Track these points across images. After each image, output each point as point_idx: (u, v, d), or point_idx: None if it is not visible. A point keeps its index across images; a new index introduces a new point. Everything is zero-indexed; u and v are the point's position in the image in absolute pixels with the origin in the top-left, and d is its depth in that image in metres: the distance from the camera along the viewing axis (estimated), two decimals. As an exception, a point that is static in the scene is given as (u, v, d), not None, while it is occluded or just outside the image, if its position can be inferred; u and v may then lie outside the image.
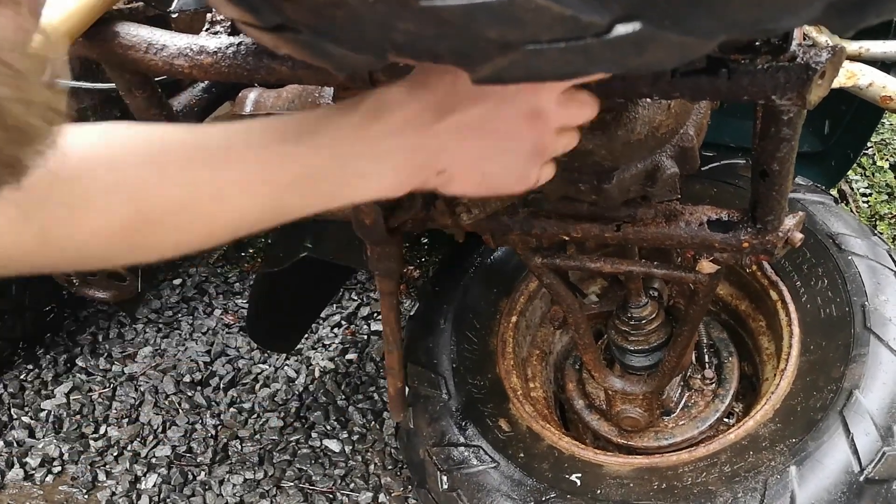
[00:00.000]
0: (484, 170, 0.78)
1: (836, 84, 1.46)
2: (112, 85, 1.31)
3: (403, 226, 1.25)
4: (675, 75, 0.89)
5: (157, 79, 1.33)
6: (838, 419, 1.36)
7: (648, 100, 1.08)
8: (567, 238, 1.25)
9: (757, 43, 0.86)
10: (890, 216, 2.29)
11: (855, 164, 2.42)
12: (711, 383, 1.71)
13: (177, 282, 2.78)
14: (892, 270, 1.54)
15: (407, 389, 1.66)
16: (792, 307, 1.58)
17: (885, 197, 2.36)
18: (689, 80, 0.89)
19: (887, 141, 2.51)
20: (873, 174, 2.43)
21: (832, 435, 1.35)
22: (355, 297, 2.64)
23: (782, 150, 1.00)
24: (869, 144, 2.50)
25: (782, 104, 0.88)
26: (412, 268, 2.64)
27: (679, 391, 1.70)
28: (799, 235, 1.15)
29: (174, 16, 1.27)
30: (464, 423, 1.58)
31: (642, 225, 1.19)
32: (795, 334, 1.55)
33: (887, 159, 2.44)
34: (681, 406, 1.70)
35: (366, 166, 0.72)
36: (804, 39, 0.95)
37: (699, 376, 1.72)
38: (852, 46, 1.57)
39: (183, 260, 2.89)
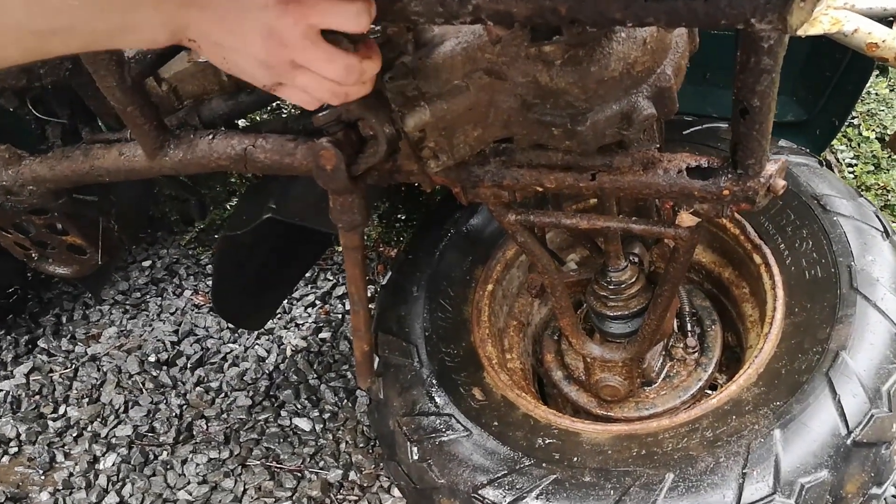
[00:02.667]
0: (223, 55, 0.85)
1: (820, 30, 1.40)
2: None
3: (368, 175, 1.19)
4: (649, -1, 0.83)
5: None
6: (824, 381, 1.31)
7: (623, 34, 1.02)
8: (540, 189, 1.19)
9: (735, -39, 0.79)
10: (877, 187, 2.25)
11: (840, 135, 2.38)
12: (694, 352, 1.66)
13: (146, 263, 2.71)
14: (879, 231, 1.49)
15: (376, 359, 1.59)
16: (776, 270, 1.53)
17: (872, 168, 2.32)
18: (665, 4, 0.82)
19: (873, 111, 2.47)
20: (859, 144, 2.38)
21: (818, 397, 1.30)
22: (331, 277, 2.57)
23: (763, 83, 0.94)
24: (855, 114, 2.46)
25: (762, 28, 0.82)
26: (388, 247, 2.57)
27: (660, 361, 1.65)
28: (781, 182, 1.09)
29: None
30: (435, 392, 1.51)
31: (619, 173, 1.13)
32: (780, 297, 1.49)
33: (873, 130, 2.40)
34: (662, 376, 1.65)
35: (126, 22, 0.78)
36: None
37: (681, 345, 1.67)
38: (838, 2, 1.52)
39: (153, 241, 2.81)
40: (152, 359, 2.30)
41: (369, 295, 1.39)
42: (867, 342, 1.34)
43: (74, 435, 2.09)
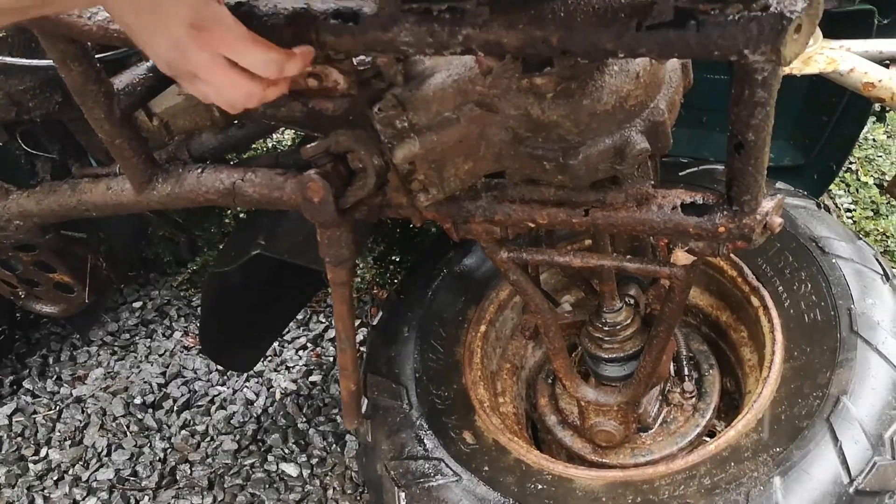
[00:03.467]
0: (131, 33, 0.81)
1: (815, 69, 1.40)
2: (50, 62, 1.23)
3: (357, 209, 1.16)
4: (641, 28, 0.82)
5: (99, 56, 1.26)
6: (825, 427, 1.27)
7: (615, 67, 1.01)
8: (533, 225, 1.17)
9: (727, -7, 0.79)
10: (876, 232, 2.23)
11: (838, 180, 2.37)
12: (691, 397, 1.62)
13: (137, 304, 2.67)
14: (879, 274, 1.47)
15: (365, 400, 1.55)
16: (774, 313, 1.50)
17: (870, 213, 2.31)
18: (657, 35, 0.81)
19: (871, 157, 2.47)
20: (857, 190, 2.37)
21: (819, 444, 1.26)
22: (323, 320, 2.53)
23: (757, 117, 0.93)
24: (852, 160, 2.46)
25: (755, 60, 0.81)
26: (382, 289, 2.54)
27: (657, 406, 1.61)
28: (778, 220, 1.07)
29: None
30: (425, 436, 1.47)
31: (612, 209, 1.11)
32: (778, 340, 1.46)
33: (871, 175, 2.40)
34: (659, 421, 1.60)
35: None
36: None
37: (678, 390, 1.63)
38: (835, 45, 1.52)
39: (145, 283, 2.78)
40: (138, 401, 2.25)
41: (362, 338, 1.37)
42: (869, 387, 1.30)
43: (55, 478, 2.03)
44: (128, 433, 2.15)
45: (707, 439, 1.61)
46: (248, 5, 0.96)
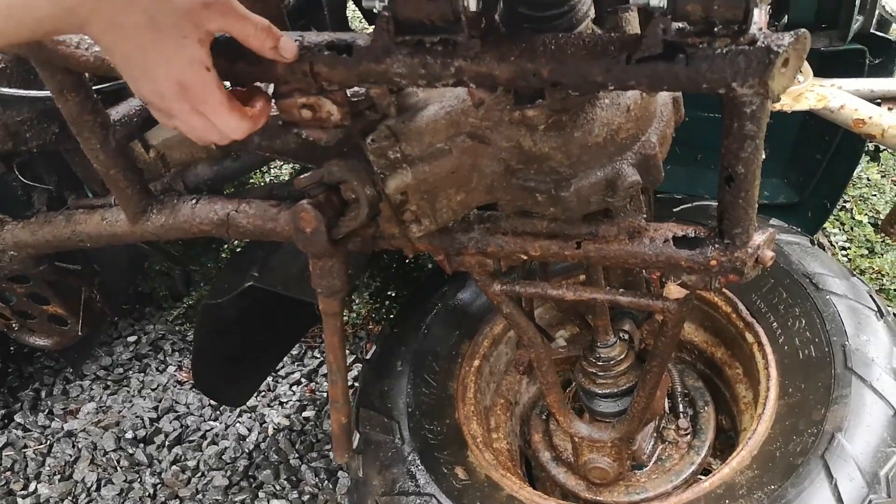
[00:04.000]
0: (123, 73, 0.84)
1: (806, 106, 1.41)
2: (47, 93, 1.24)
3: (350, 239, 1.17)
4: (631, 61, 0.83)
5: (96, 87, 1.27)
6: (820, 464, 1.26)
7: (606, 100, 1.02)
8: (525, 257, 1.17)
9: (716, 27, 0.80)
10: (871, 270, 2.23)
11: (833, 218, 2.38)
12: (686, 434, 1.60)
13: (131, 338, 2.66)
14: (872, 311, 1.47)
15: (357, 435, 1.54)
16: (769, 349, 1.49)
17: (865, 251, 2.31)
18: (646, 67, 0.83)
19: (865, 196, 2.48)
20: (852, 228, 2.38)
21: (814, 481, 1.25)
22: (318, 355, 2.52)
23: (747, 150, 0.93)
24: (847, 199, 2.47)
25: (744, 93, 0.82)
26: (377, 325, 2.53)
27: (651, 443, 1.59)
28: (770, 253, 1.07)
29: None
30: (417, 471, 1.45)
31: (604, 242, 1.11)
32: (773, 377, 1.45)
33: (866, 214, 2.41)
34: (653, 459, 1.58)
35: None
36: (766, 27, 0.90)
37: (673, 427, 1.62)
38: (826, 84, 1.54)
39: (140, 317, 2.77)
40: (129, 435, 2.23)
41: (356, 373, 1.36)
42: (864, 424, 1.29)
43: (43, 514, 2.00)
44: (118, 468, 2.12)
45: (702, 477, 1.59)
46: (242, 37, 0.97)
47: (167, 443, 2.20)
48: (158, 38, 0.80)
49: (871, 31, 1.74)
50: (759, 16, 0.81)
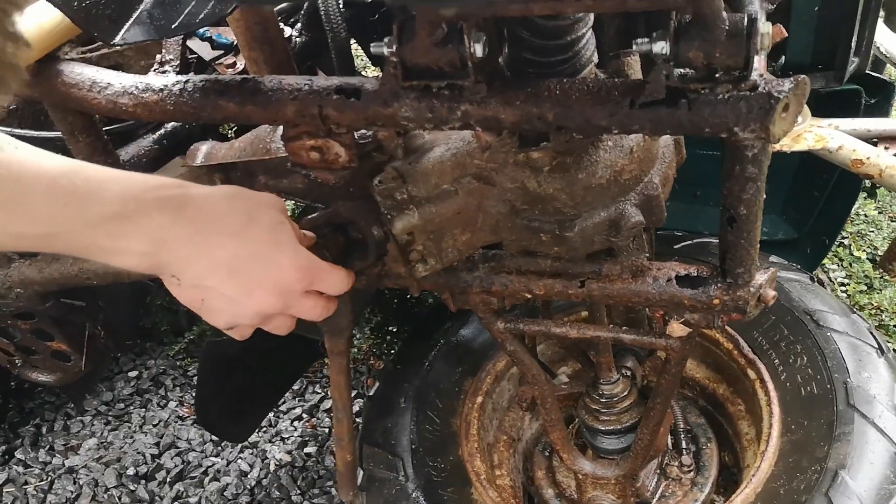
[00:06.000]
0: (205, 301, 0.87)
1: (805, 146, 1.43)
2: (58, 133, 1.26)
3: (356, 279, 1.18)
4: (634, 106, 0.85)
5: (106, 128, 1.29)
6: (824, 502, 1.26)
7: (610, 142, 1.04)
8: (529, 296, 1.18)
9: (717, 74, 0.82)
10: (870, 306, 2.25)
11: (831, 255, 2.40)
12: (689, 471, 1.60)
13: (133, 374, 2.66)
14: (873, 347, 1.48)
15: (361, 472, 1.54)
16: (771, 386, 1.50)
17: (864, 287, 2.33)
18: (649, 112, 0.84)
19: (863, 232, 2.50)
20: (850, 264, 2.40)
21: (819, 519, 1.24)
22: (319, 391, 2.52)
23: (748, 191, 0.95)
24: (845, 235, 2.49)
25: (745, 137, 0.84)
26: (378, 360, 2.54)
27: (655, 479, 1.59)
28: (772, 293, 1.09)
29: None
30: (421, 509, 1.45)
31: (608, 281, 1.13)
32: (775, 414, 1.46)
33: (864, 250, 2.43)
34: (657, 496, 1.58)
35: (112, 244, 0.78)
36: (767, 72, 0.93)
37: (676, 463, 1.62)
38: (823, 124, 1.56)
39: (141, 352, 2.77)
40: (131, 472, 2.22)
41: (358, 408, 1.36)
42: (867, 461, 1.30)
43: (43, 552, 1.99)
44: (119, 505, 2.12)
45: (706, 514, 1.59)
46: (253, 81, 0.99)
47: (169, 479, 2.19)
48: (258, 251, 0.86)
49: (867, 71, 1.78)
50: (759, 62, 0.83)
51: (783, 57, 1.70)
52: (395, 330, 2.51)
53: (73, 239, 0.76)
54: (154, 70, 1.23)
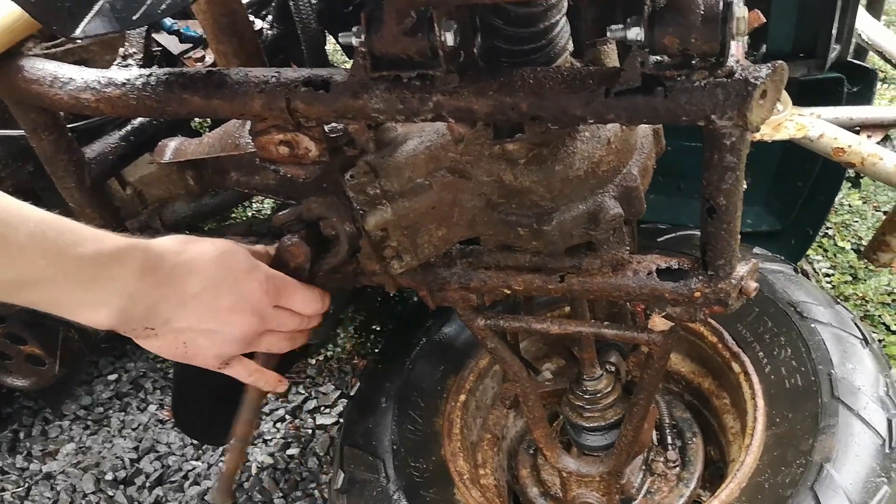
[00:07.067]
0: (187, 340, 0.89)
1: (786, 135, 1.42)
2: (21, 132, 1.22)
3: (329, 277, 1.15)
4: (610, 95, 0.82)
5: (71, 125, 1.26)
6: (810, 495, 1.24)
7: (587, 133, 1.01)
8: (508, 292, 1.16)
9: (693, 60, 0.80)
10: (855, 297, 2.23)
11: (816, 245, 2.39)
12: (675, 466, 1.58)
13: (112, 377, 2.62)
14: (858, 338, 1.46)
15: (341, 474, 1.51)
16: (755, 378, 1.48)
17: (849, 278, 2.31)
18: (625, 100, 0.82)
19: (847, 222, 2.49)
20: (835, 255, 2.39)
21: (805, 513, 1.23)
22: (302, 391, 2.48)
23: (727, 181, 0.93)
24: (829, 225, 2.48)
25: (723, 125, 0.82)
26: (362, 359, 2.51)
27: (640, 476, 1.57)
28: (753, 284, 1.07)
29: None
30: (403, 511, 1.42)
31: (588, 275, 1.10)
32: (760, 407, 1.44)
33: (848, 240, 2.42)
34: (643, 492, 1.56)
35: (84, 296, 0.77)
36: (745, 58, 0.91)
37: (661, 459, 1.60)
38: (805, 112, 1.55)
39: (121, 355, 2.73)
40: (109, 477, 2.18)
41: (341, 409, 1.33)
42: (852, 454, 1.28)
43: (19, 561, 1.95)
44: (97, 511, 2.08)
45: (692, 510, 1.57)
46: (219, 74, 0.96)
47: (148, 484, 2.15)
48: (221, 278, 0.89)
49: (849, 59, 1.76)
50: (736, 48, 0.80)
51: (764, 45, 1.69)
52: (378, 328, 2.48)
53: (47, 289, 0.76)
54: (117, 64, 1.20)
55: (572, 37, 1.00)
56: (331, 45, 2.64)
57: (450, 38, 0.83)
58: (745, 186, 0.95)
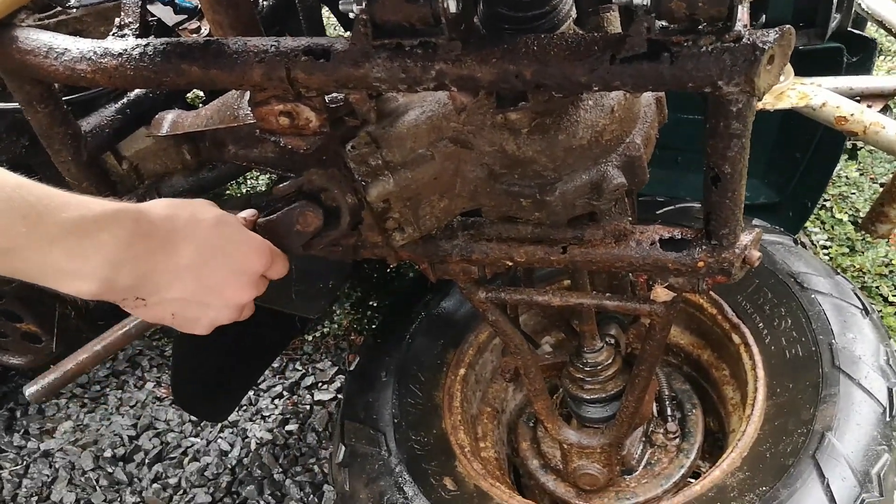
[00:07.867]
0: (176, 315, 0.87)
1: (788, 104, 1.41)
2: (16, 104, 1.20)
3: (328, 249, 1.14)
4: (615, 61, 0.81)
5: (66, 97, 1.24)
6: (811, 464, 1.25)
7: (590, 102, 1.00)
8: (510, 263, 1.15)
9: (700, 25, 0.78)
10: (852, 268, 2.24)
11: (813, 217, 2.39)
12: (675, 438, 1.59)
13: (108, 355, 2.60)
14: (858, 308, 1.46)
15: (342, 448, 1.51)
16: (755, 349, 1.49)
17: (846, 250, 2.32)
18: (631, 67, 0.81)
19: (845, 194, 2.49)
20: (833, 227, 2.39)
21: (806, 481, 1.24)
22: (300, 367, 2.48)
23: (733, 149, 0.92)
24: (827, 197, 2.48)
25: (730, 91, 0.80)
26: (359, 335, 2.50)
27: (640, 447, 1.58)
28: (756, 254, 1.06)
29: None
30: (404, 483, 1.43)
31: (590, 246, 1.09)
32: (760, 377, 1.44)
33: (846, 212, 2.41)
34: (643, 463, 1.57)
35: (68, 264, 0.73)
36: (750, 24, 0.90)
37: (661, 431, 1.60)
38: (807, 82, 1.54)
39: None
40: (108, 454, 2.18)
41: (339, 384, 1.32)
42: (853, 423, 1.29)
43: (20, 537, 1.95)
44: (97, 488, 2.08)
45: (692, 480, 1.58)
46: (217, 43, 0.94)
47: (147, 460, 2.15)
48: (215, 248, 0.86)
49: (849, 28, 1.75)
50: (743, 13, 0.79)
51: (763, 15, 1.67)
52: (375, 304, 2.48)
53: (30, 257, 0.71)
54: (113, 34, 1.18)
55: (576, 5, 0.99)
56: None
57: (452, 5, 0.82)
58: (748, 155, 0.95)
